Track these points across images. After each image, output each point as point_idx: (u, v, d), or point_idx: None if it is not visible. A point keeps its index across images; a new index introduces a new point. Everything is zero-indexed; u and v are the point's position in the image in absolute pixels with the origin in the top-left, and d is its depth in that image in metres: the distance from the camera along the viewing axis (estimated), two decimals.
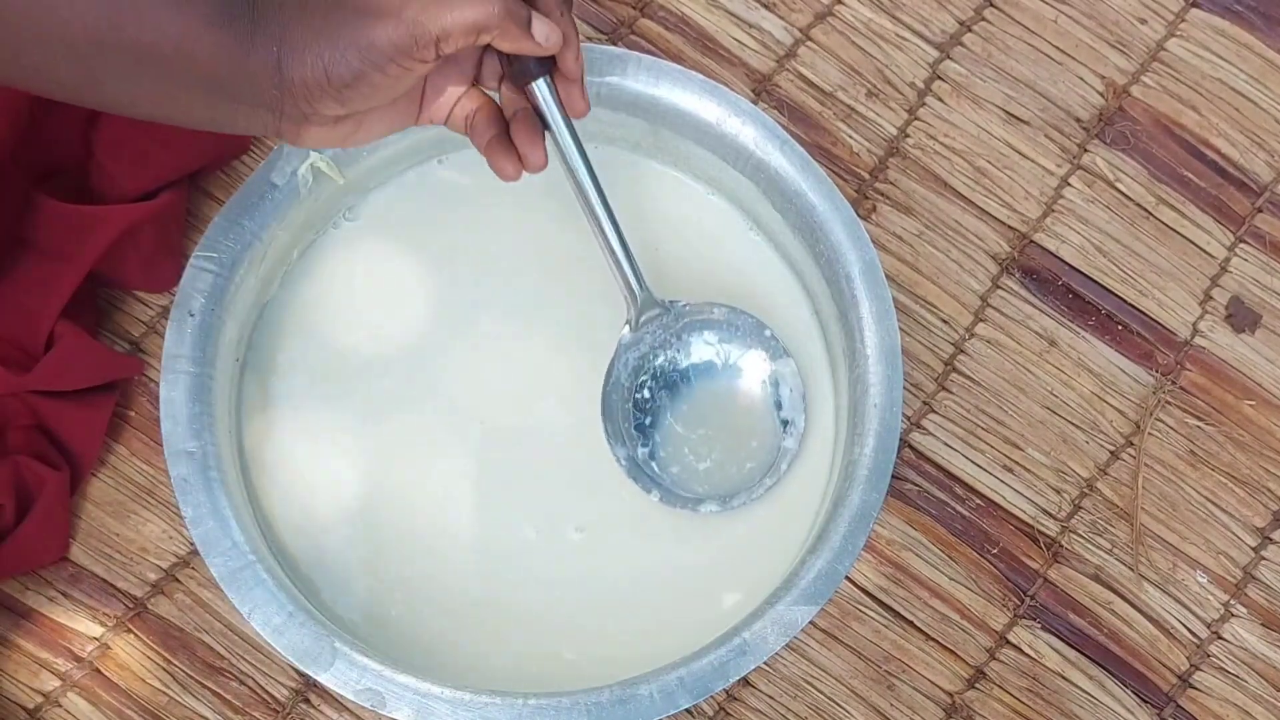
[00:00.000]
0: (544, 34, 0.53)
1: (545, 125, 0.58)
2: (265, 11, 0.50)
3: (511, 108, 0.58)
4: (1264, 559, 0.72)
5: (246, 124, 0.53)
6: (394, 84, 0.52)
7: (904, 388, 0.66)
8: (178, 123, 0.54)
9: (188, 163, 0.70)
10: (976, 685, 0.69)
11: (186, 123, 0.53)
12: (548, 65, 0.57)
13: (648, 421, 0.67)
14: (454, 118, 0.59)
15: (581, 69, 0.57)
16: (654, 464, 0.66)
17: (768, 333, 0.67)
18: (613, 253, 0.63)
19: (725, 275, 0.71)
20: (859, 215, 0.68)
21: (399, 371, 0.68)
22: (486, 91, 0.59)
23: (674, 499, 0.66)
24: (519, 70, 0.56)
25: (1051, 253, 0.77)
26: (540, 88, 0.57)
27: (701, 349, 0.67)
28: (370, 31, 0.50)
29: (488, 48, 0.57)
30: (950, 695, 0.69)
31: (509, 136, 0.58)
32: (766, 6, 0.79)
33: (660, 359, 0.67)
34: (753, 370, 0.68)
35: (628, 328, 0.66)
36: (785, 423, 0.67)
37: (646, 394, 0.67)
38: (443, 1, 0.50)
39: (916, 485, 0.72)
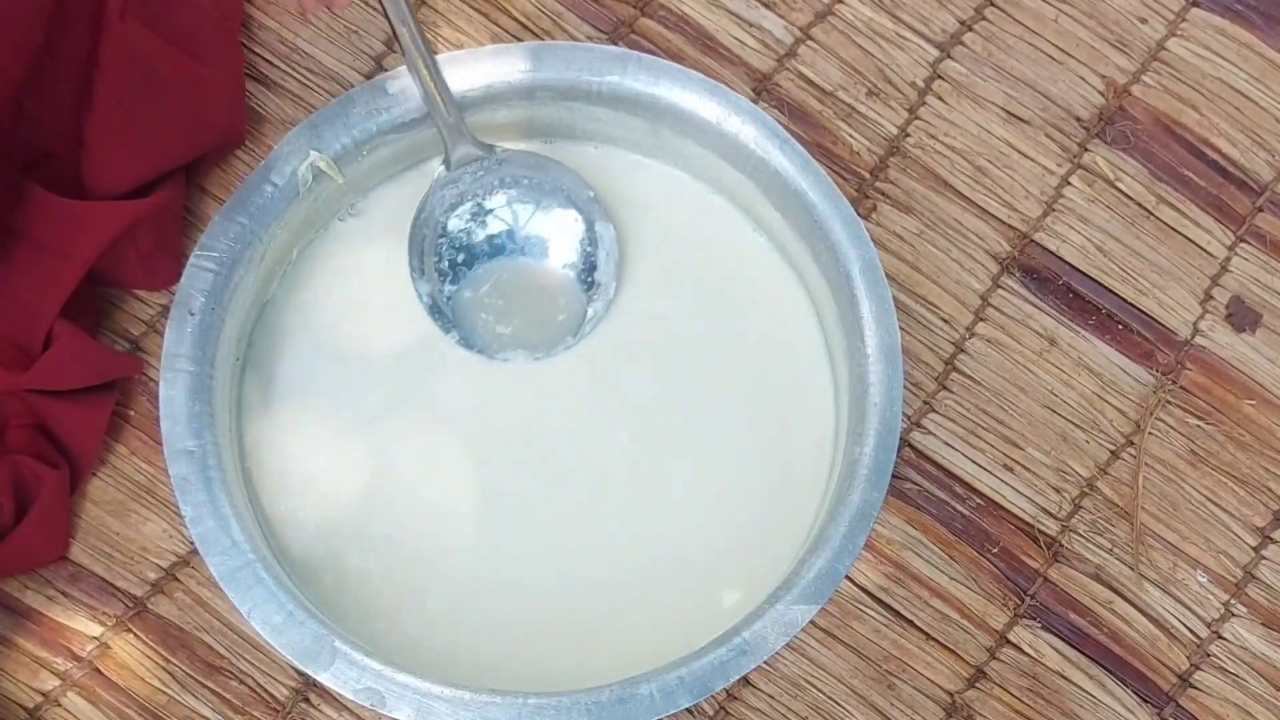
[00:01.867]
0: None
1: None
2: None
3: None
4: (1264, 558, 0.72)
5: None
6: None
7: (904, 387, 0.66)
8: None
9: (182, 152, 0.69)
10: (977, 685, 0.69)
11: None
12: None
13: (459, 259, 0.66)
14: None
15: None
16: (455, 306, 0.66)
17: (590, 193, 0.67)
18: (429, 90, 0.62)
19: (725, 275, 0.71)
20: (859, 214, 0.68)
21: (399, 370, 0.68)
22: None
23: (474, 342, 0.66)
24: None
25: (1052, 252, 0.77)
26: None
27: (518, 200, 0.67)
28: None
29: None
30: (950, 695, 0.69)
31: None
32: (767, 6, 0.79)
33: (475, 201, 0.66)
34: (568, 228, 0.67)
35: (443, 168, 0.65)
36: (596, 284, 0.67)
37: (458, 233, 0.66)
38: None
39: (917, 484, 0.72)
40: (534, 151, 0.66)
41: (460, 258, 0.66)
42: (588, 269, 0.67)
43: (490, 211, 0.67)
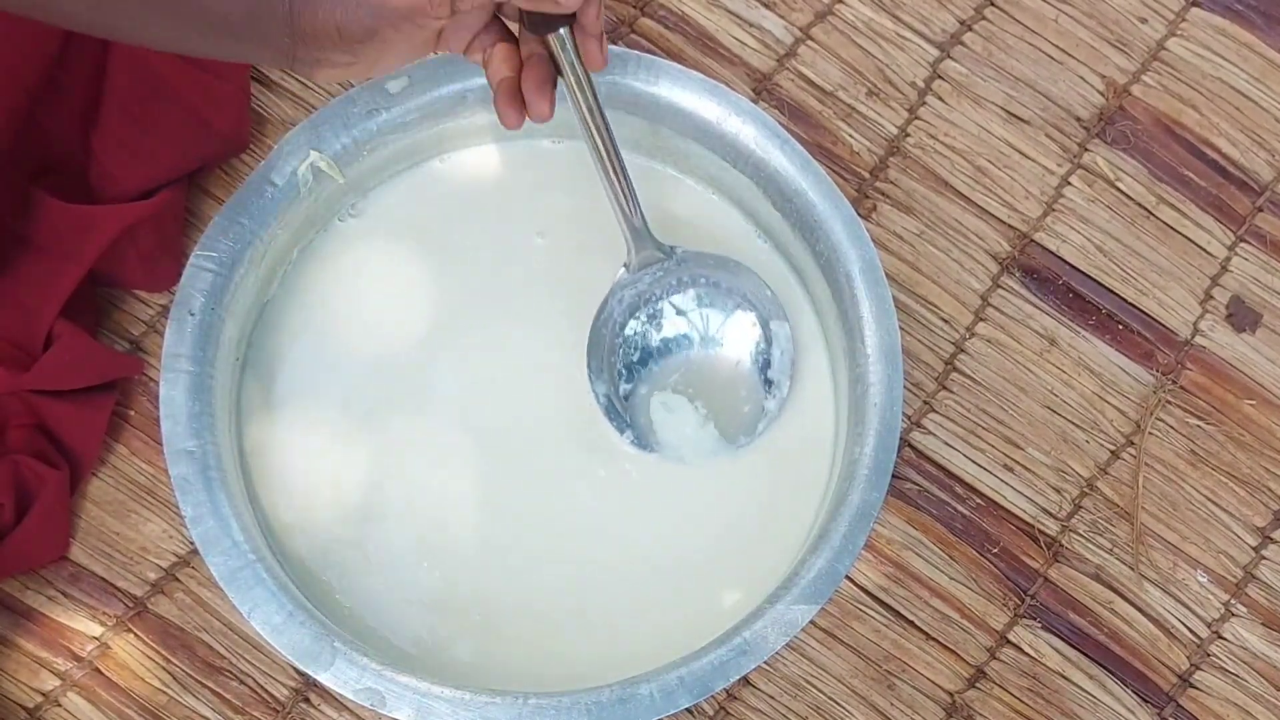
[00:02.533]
0: None
1: (559, 72, 0.57)
2: None
3: (529, 49, 0.57)
4: (1264, 558, 0.72)
5: (258, 59, 0.52)
6: (408, 40, 0.51)
7: (904, 387, 0.66)
8: (193, 54, 0.53)
9: (188, 161, 0.70)
10: (977, 685, 0.69)
11: (201, 55, 0.52)
12: (569, 15, 0.55)
13: (635, 359, 0.66)
14: (472, 50, 0.57)
15: (601, 24, 0.56)
16: (633, 406, 0.66)
17: (768, 292, 0.67)
18: (618, 196, 0.62)
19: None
20: (859, 214, 0.68)
21: (400, 369, 0.68)
22: (508, 23, 0.58)
23: (647, 443, 0.66)
24: (538, 19, 0.55)
25: (1052, 252, 0.77)
26: (558, 39, 0.55)
27: (698, 299, 0.67)
28: None
29: None
30: (950, 695, 0.69)
31: (519, 81, 0.56)
32: (767, 6, 0.79)
33: (656, 303, 0.67)
34: (746, 328, 0.67)
35: (624, 269, 0.65)
36: (770, 383, 0.67)
37: (635, 335, 0.66)
38: None
39: (917, 485, 0.72)
40: (713, 253, 0.67)
41: (637, 357, 0.67)
42: (763, 367, 0.67)
43: (668, 313, 0.67)
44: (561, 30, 0.55)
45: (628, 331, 0.66)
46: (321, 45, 0.50)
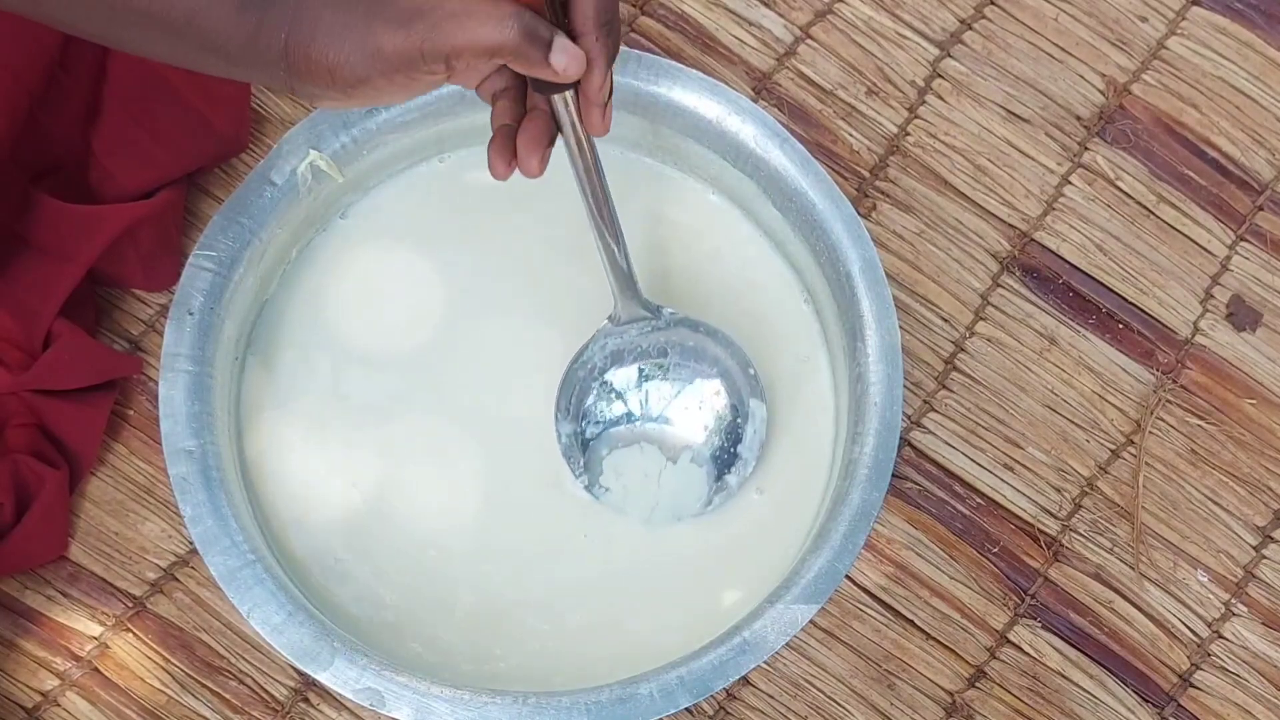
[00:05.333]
0: (563, 64, 0.50)
1: (559, 130, 0.55)
2: None
3: (533, 101, 0.55)
4: (1265, 558, 0.72)
5: (261, 84, 0.51)
6: (401, 91, 0.50)
7: (904, 386, 0.66)
8: (195, 69, 0.52)
9: (188, 161, 0.70)
10: (977, 684, 0.69)
11: (207, 72, 0.52)
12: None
13: (604, 409, 0.66)
14: (483, 89, 0.56)
15: (606, 93, 0.54)
16: (590, 455, 0.66)
17: (751, 371, 0.67)
18: (613, 260, 0.62)
19: (725, 274, 0.71)
20: (859, 213, 0.68)
21: (399, 369, 0.68)
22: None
23: (598, 491, 0.66)
24: (541, 82, 0.53)
25: (1052, 251, 0.76)
26: (561, 99, 0.54)
27: (677, 364, 0.67)
28: (379, 38, 0.47)
29: None
30: (951, 694, 0.69)
31: (515, 132, 0.55)
32: (766, 4, 0.79)
33: (637, 359, 0.66)
34: (723, 399, 0.67)
35: (609, 321, 0.65)
36: (737, 458, 0.67)
37: (611, 384, 0.66)
38: (458, 17, 0.47)
39: (917, 484, 0.72)
40: (702, 321, 0.66)
41: (606, 409, 0.66)
42: (732, 442, 0.67)
43: (649, 373, 0.66)
44: (567, 94, 0.54)
45: (604, 378, 0.66)
46: (316, 83, 0.49)
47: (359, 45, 0.48)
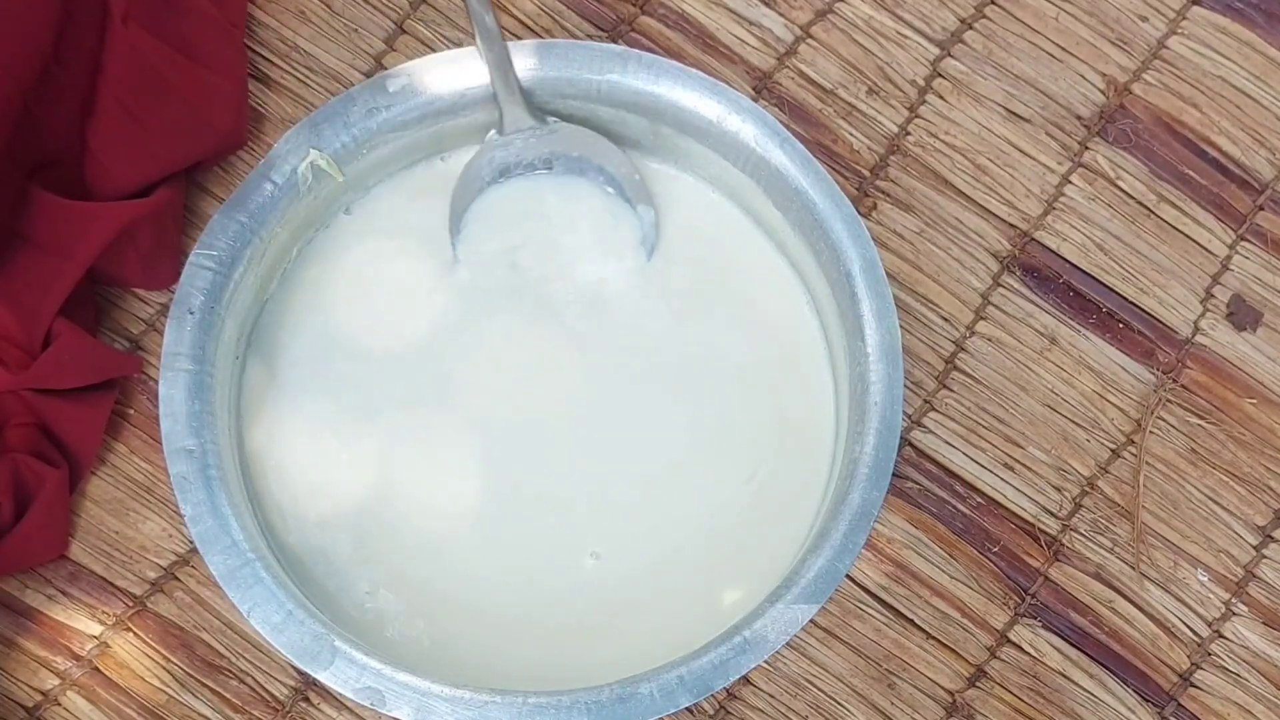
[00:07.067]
0: None
1: None
2: None
3: None
4: (1265, 557, 0.72)
5: None
6: None
7: (905, 386, 0.66)
8: None
9: (185, 157, 0.69)
10: (977, 684, 0.69)
11: None
12: None
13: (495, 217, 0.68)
14: None
15: None
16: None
17: (637, 177, 0.69)
18: (495, 64, 0.64)
19: (725, 273, 0.71)
20: (860, 213, 0.68)
21: (401, 369, 0.68)
22: None
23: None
24: None
25: (1052, 250, 0.76)
26: None
27: (564, 171, 0.69)
28: None
29: None
30: (951, 694, 0.69)
31: None
32: (767, 4, 0.79)
33: (524, 170, 0.68)
34: (610, 205, 0.69)
35: (495, 133, 0.67)
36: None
37: (501, 193, 0.68)
38: None
39: (917, 483, 0.72)
40: (588, 129, 0.67)
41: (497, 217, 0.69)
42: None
43: (533, 178, 0.69)
44: None
45: (494, 189, 0.68)
46: None
47: None
